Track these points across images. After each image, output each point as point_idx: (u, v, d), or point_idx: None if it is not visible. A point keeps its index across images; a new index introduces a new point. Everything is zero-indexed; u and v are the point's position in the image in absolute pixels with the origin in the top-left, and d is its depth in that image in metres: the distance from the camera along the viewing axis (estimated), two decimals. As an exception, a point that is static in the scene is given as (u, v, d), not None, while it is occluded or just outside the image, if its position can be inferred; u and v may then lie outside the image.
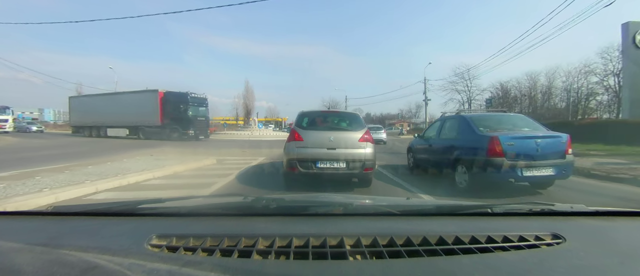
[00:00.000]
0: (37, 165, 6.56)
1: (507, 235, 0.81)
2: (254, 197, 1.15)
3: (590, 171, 6.55)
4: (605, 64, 36.59)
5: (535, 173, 4.39)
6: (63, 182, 4.55)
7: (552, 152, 4.50)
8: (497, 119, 5.63)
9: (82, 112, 23.60)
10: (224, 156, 9.37)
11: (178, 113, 19.89)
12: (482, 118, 5.62)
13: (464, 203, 1.16)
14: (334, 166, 4.49)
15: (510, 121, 5.45)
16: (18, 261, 0.60)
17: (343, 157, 4.51)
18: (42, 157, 8.82)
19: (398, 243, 0.76)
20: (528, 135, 4.67)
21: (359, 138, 4.65)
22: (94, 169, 5.92)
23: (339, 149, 4.54)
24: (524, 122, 5.38)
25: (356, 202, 1.21)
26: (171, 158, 8.04)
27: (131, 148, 12.24)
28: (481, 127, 4.94)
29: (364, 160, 4.53)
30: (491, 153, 4.36)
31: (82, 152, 11.13)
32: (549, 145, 4.56)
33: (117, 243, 0.76)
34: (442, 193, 4.67)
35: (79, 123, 24.26)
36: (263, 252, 0.73)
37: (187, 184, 5.33)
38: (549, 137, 4.70)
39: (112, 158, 8.06)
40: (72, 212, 1.07)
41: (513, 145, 4.39)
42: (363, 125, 5.00)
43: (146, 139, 19.47)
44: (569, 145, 4.64)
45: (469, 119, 5.30)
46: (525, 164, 4.33)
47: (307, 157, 4.53)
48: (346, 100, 50.13)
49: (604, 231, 0.91)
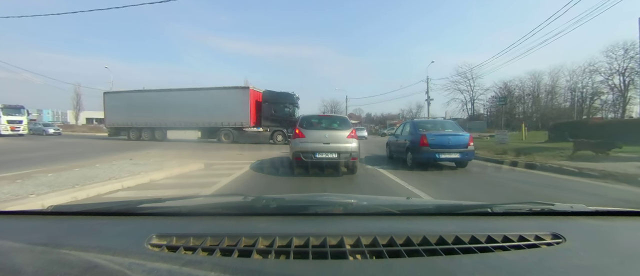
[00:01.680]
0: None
1: (507, 234, 0.82)
2: (254, 197, 1.16)
3: (638, 177, 5.44)
4: (610, 63, 36.58)
5: (446, 156, 7.26)
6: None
7: (458, 144, 7.36)
8: (433, 123, 9.04)
9: (126, 111, 19.88)
10: (217, 159, 8.83)
11: (283, 115, 17.87)
12: (423, 122, 9.14)
13: (464, 203, 1.17)
14: (328, 156, 6.25)
15: (442, 125, 8.66)
16: (18, 261, 0.61)
17: (335, 149, 6.25)
18: (3, 162, 7.82)
19: (398, 242, 0.77)
20: (445, 134, 7.63)
21: (347, 136, 6.49)
22: (52, 178, 5.12)
23: (332, 143, 6.31)
24: (450, 126, 8.48)
25: (356, 201, 1.22)
26: (153, 163, 7.19)
27: (133, 149, 11.94)
28: (420, 128, 7.94)
29: (350, 152, 6.32)
30: (422, 143, 7.31)
31: (56, 155, 10.00)
32: (457, 140, 7.45)
33: (117, 243, 0.77)
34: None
35: (121, 124, 20.45)
36: (263, 252, 0.74)
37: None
38: (458, 135, 7.60)
39: (88, 162, 7.30)
40: (72, 212, 1.08)
41: (434, 139, 7.31)
42: (350, 126, 6.89)
43: (231, 143, 17.52)
44: (470, 140, 7.51)
45: (415, 123, 8.57)
46: (441, 150, 7.22)
47: (309, 150, 6.25)
48: (347, 100, 50.22)
49: (604, 231, 0.92)
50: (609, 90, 38.32)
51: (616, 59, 35.96)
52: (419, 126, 8.10)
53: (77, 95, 50.95)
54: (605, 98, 39.50)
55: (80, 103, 52.08)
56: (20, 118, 23.78)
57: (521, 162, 8.11)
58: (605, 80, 37.89)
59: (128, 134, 20.35)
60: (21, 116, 24.00)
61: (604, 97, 39.51)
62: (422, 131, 7.62)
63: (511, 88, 46.80)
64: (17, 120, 23.49)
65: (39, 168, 6.15)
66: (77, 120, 52.16)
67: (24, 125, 24.02)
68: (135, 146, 14.06)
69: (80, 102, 51.94)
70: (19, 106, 24.21)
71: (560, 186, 5.56)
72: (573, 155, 9.10)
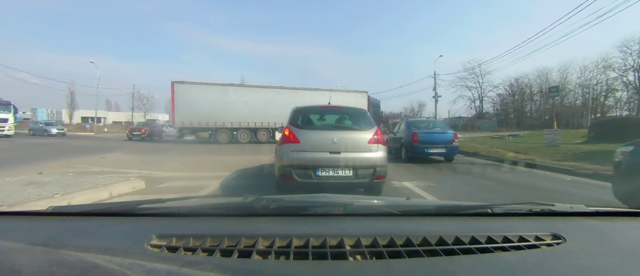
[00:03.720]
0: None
1: (507, 235, 0.83)
2: (254, 197, 1.17)
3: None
4: (625, 58, 35.87)
5: (434, 151, 8.88)
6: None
7: (444, 140, 9.00)
8: (425, 123, 10.76)
9: (203, 107, 17.00)
10: (177, 171, 6.98)
11: (377, 119, 17.82)
12: (416, 122, 10.86)
13: (464, 204, 1.18)
14: (338, 174, 3.86)
15: (432, 124, 10.46)
16: (18, 261, 0.62)
17: (350, 163, 3.89)
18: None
19: (398, 243, 0.79)
20: (433, 132, 9.33)
21: (368, 140, 4.05)
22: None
23: (344, 153, 3.92)
24: (439, 125, 10.35)
25: (356, 202, 1.24)
26: (70, 178, 5.25)
27: (105, 150, 10.94)
28: (413, 127, 9.48)
29: (374, 166, 3.92)
30: (413, 140, 8.89)
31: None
32: (444, 137, 9.11)
33: (117, 243, 0.79)
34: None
35: (193, 122, 17.45)
36: (263, 252, 0.75)
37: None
38: (444, 133, 9.30)
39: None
40: (72, 212, 1.10)
41: (424, 136, 8.91)
42: (372, 124, 4.34)
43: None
44: (455, 137, 9.13)
45: (409, 122, 10.27)
46: (430, 146, 8.83)
47: (306, 164, 3.88)
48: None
49: (604, 231, 0.93)
50: (624, 87, 37.73)
51: (631, 54, 35.29)
52: (412, 125, 9.72)
53: (71, 93, 51.37)
54: (619, 95, 38.93)
55: (75, 101, 52.55)
56: (5, 116, 20.44)
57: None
58: (619, 76, 37.37)
59: (212, 135, 18.04)
60: (7, 113, 20.65)
61: (617, 94, 38.94)
62: (414, 129, 9.21)
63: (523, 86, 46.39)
64: (2, 119, 20.26)
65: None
66: (71, 119, 52.43)
67: (10, 125, 20.76)
68: (126, 147, 12.95)
69: (75, 100, 52.42)
70: (4, 102, 21.00)
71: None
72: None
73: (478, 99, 49.84)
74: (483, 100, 49.81)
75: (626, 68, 36.34)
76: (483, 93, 49.37)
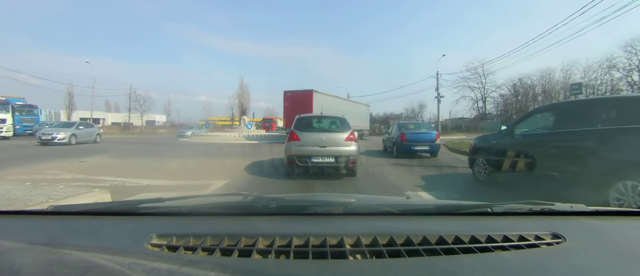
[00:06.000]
0: None
1: (507, 234, 0.84)
2: (254, 196, 1.18)
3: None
4: (629, 58, 35.75)
5: (419, 148, 10.56)
6: None
7: (428, 139, 10.73)
8: (414, 124, 12.49)
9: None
10: (158, 178, 6.14)
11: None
12: (406, 123, 12.47)
13: (464, 203, 1.19)
14: (325, 160, 6.09)
15: (420, 125, 12.44)
16: (18, 261, 0.64)
17: (332, 153, 6.11)
18: None
19: (398, 242, 0.80)
20: (419, 132, 11.11)
21: (345, 138, 6.27)
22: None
23: (329, 147, 6.12)
24: (425, 126, 12.45)
25: (356, 201, 1.25)
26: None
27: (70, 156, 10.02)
28: (402, 128, 11.21)
29: (348, 156, 6.15)
30: (402, 139, 10.63)
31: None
32: (428, 136, 10.89)
33: (117, 243, 0.80)
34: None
35: None
36: (263, 252, 0.76)
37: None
38: (429, 133, 11.14)
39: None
40: (72, 212, 1.11)
41: (411, 136, 10.63)
42: (349, 127, 6.62)
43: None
44: (437, 136, 11.02)
45: (399, 124, 11.97)
46: (415, 144, 10.53)
47: (304, 154, 6.09)
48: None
49: (603, 230, 0.94)
50: (629, 88, 37.66)
51: (636, 54, 35.15)
52: (401, 126, 11.48)
53: (69, 94, 51.34)
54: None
55: (73, 103, 52.49)
56: (2, 116, 19.33)
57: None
58: (624, 76, 37.32)
59: None
60: (4, 114, 19.55)
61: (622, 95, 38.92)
62: (403, 130, 11.03)
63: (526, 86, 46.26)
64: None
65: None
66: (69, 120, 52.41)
67: (8, 126, 19.49)
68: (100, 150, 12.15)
69: (73, 101, 52.36)
70: (2, 101, 19.81)
71: None
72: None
73: (481, 100, 49.75)
74: (486, 101, 49.74)
75: (631, 68, 36.23)
76: (486, 94, 49.32)
